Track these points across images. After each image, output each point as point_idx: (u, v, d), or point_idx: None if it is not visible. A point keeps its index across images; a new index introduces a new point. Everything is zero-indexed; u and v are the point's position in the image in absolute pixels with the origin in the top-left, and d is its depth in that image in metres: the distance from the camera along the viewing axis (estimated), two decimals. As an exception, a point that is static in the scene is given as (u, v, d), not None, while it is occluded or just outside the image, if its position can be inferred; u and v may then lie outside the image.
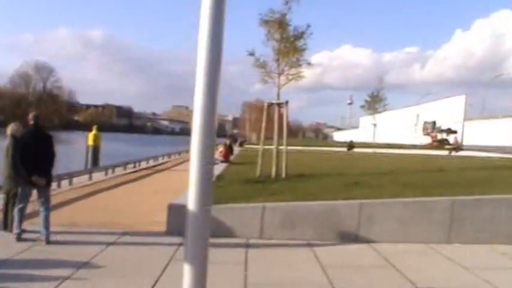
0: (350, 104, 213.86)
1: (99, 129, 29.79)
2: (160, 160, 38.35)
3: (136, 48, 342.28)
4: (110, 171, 25.66)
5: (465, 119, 58.93)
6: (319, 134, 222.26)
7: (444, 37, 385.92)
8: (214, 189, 12.70)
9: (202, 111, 2.91)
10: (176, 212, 10.45)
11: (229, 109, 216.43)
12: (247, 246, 10.22)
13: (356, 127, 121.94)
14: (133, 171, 28.08)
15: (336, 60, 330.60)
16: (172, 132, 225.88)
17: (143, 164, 32.76)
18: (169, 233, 10.65)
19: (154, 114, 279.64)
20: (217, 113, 3.00)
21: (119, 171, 26.90)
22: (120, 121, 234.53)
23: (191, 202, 3.01)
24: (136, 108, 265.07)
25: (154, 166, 33.22)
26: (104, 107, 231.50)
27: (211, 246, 3.18)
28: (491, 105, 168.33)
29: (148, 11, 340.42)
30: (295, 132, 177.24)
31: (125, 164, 29.16)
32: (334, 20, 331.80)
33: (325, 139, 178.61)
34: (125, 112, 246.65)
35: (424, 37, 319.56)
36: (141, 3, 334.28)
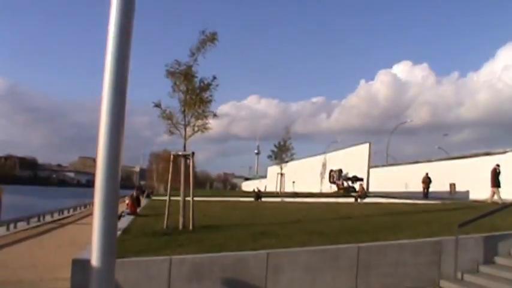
0: (257, 153, 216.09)
1: (0, 182, 28.84)
2: (66, 213, 37.38)
3: (41, 98, 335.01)
4: (11, 225, 24.76)
5: (370, 167, 60.32)
6: (227, 184, 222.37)
7: (349, 87, 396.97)
8: (120, 243, 12.46)
9: (106, 161, 2.87)
10: (81, 267, 10.13)
11: (136, 160, 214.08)
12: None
13: (264, 176, 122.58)
14: (37, 226, 27.20)
15: (243, 110, 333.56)
16: (78, 184, 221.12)
17: (48, 218, 31.81)
18: (74, 288, 10.30)
19: (60, 165, 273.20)
20: (121, 164, 2.96)
21: (21, 225, 25.99)
22: (24, 173, 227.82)
23: (94, 256, 2.94)
24: (41, 159, 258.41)
25: (59, 220, 32.33)
26: (6, 158, 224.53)
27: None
28: (395, 152, 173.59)
29: (54, 60, 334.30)
30: (203, 183, 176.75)
31: (28, 218, 28.22)
32: (241, 71, 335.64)
33: (234, 189, 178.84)
34: (28, 163, 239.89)
35: (329, 87, 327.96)
36: (45, 52, 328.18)
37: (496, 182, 29.49)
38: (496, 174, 29.78)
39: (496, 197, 28.92)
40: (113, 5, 2.97)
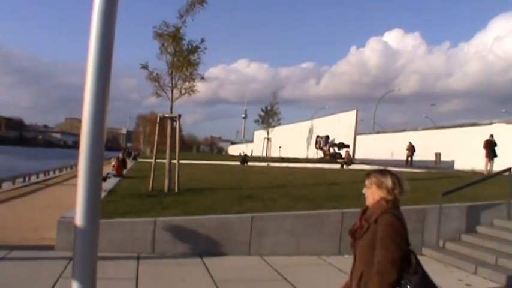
0: (245, 118, 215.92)
1: (-14, 141, 28.70)
2: (52, 174, 37.32)
3: (28, 58, 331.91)
4: (-4, 185, 24.71)
5: (356, 134, 60.47)
6: (214, 148, 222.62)
7: (339, 53, 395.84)
8: (105, 204, 12.50)
9: (91, 122, 2.83)
10: (66, 227, 10.14)
11: (124, 122, 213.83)
12: (139, 261, 10.07)
13: (251, 141, 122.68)
14: (23, 186, 27.14)
15: (232, 74, 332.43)
16: (65, 145, 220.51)
17: (33, 179, 31.75)
18: (59, 248, 10.31)
19: (46, 126, 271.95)
20: (106, 125, 2.93)
21: (6, 186, 25.92)
22: (10, 133, 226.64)
23: (79, 217, 2.92)
24: (28, 120, 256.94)
25: (45, 180, 32.28)
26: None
27: (101, 262, 3.11)
28: (383, 120, 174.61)
29: (40, 20, 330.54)
30: (189, 146, 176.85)
31: (13, 178, 28.13)
32: (231, 34, 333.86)
33: (220, 153, 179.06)
34: (14, 124, 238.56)
35: (320, 53, 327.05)
36: (31, 12, 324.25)
37: (492, 153, 29.54)
38: (491, 144, 29.84)
39: (488, 167, 29.03)
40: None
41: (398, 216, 4.15)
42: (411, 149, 44.99)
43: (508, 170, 13.85)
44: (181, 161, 17.40)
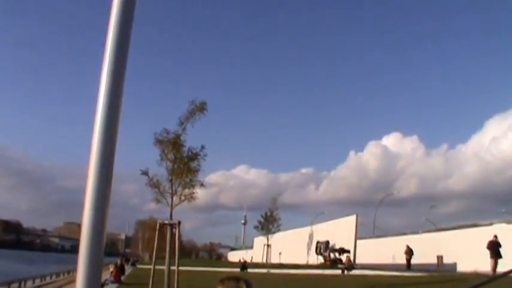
0: (244, 224, 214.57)
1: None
2: (48, 279, 36.79)
3: (29, 161, 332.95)
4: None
5: (357, 238, 60.06)
6: (213, 254, 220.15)
7: (338, 158, 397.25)
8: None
9: (90, 229, 2.86)
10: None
11: (123, 228, 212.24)
12: None
13: (250, 247, 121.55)
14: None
15: (232, 180, 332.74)
16: (62, 250, 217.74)
17: (29, 284, 31.25)
18: None
19: (44, 230, 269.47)
20: (106, 232, 2.96)
21: (1, 292, 25.49)
22: (7, 236, 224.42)
23: (77, 325, 2.91)
24: (26, 223, 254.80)
25: (41, 286, 31.80)
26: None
27: None
28: (382, 224, 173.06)
29: (42, 123, 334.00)
30: (189, 252, 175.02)
31: (8, 284, 27.69)
32: (230, 141, 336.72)
33: (219, 259, 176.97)
34: (12, 227, 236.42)
35: (319, 158, 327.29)
36: (36, 117, 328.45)
37: (496, 254, 29.26)
38: (495, 245, 29.63)
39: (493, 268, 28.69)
40: (104, 67, 3.03)
41: None
42: (409, 252, 44.64)
43: None
44: (180, 268, 17.24)
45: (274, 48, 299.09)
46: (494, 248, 29.61)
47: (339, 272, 40.52)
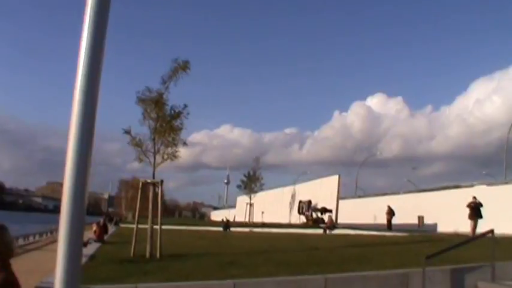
0: (227, 183, 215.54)
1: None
2: (31, 239, 36.76)
3: (12, 121, 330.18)
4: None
5: (339, 198, 60.38)
6: (196, 213, 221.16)
7: (323, 118, 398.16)
8: (86, 270, 12.32)
9: (72, 188, 2.82)
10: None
11: (106, 187, 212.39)
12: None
13: (233, 206, 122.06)
14: None
15: (215, 139, 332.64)
16: (46, 210, 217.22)
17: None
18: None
19: (27, 190, 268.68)
20: (88, 189, 2.92)
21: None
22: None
23: (58, 283, 2.88)
24: (8, 183, 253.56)
25: (24, 245, 31.76)
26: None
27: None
28: (366, 184, 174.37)
29: (24, 81, 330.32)
30: (172, 211, 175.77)
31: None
32: (215, 100, 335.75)
33: (202, 218, 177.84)
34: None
35: (303, 118, 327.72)
36: (17, 74, 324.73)
37: (476, 215, 29.64)
38: (475, 206, 29.98)
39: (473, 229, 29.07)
40: (85, 27, 2.96)
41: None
42: (390, 212, 45.05)
43: (491, 231, 13.89)
44: (163, 227, 17.29)
45: (259, 4, 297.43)
46: (475, 208, 29.97)
47: (320, 231, 40.80)
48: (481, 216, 29.53)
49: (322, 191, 64.03)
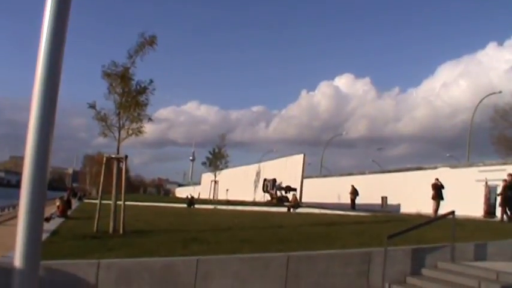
0: (192, 160, 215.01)
1: None
2: (-8, 214, 36.36)
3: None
4: None
5: (303, 177, 60.67)
6: (161, 190, 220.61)
7: (290, 97, 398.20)
8: (48, 246, 12.23)
9: (33, 161, 2.78)
10: (4, 270, 9.84)
11: (70, 162, 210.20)
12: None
13: (198, 183, 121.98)
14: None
15: (182, 116, 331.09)
16: (8, 185, 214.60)
17: (-27, 219, 30.83)
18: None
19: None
20: (49, 164, 2.87)
21: None
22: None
23: (18, 259, 2.84)
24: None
25: (-15, 220, 31.41)
26: None
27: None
28: (332, 164, 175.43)
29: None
30: (136, 187, 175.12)
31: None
32: (182, 76, 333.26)
33: (167, 195, 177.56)
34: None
35: (270, 96, 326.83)
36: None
37: (439, 195, 30.17)
38: (438, 187, 30.48)
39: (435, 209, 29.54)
40: (48, 1, 2.90)
41: None
42: (354, 192, 45.51)
43: (452, 213, 14.12)
44: (127, 203, 17.22)
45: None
46: (437, 190, 30.45)
47: (285, 209, 40.99)
48: (442, 198, 30.06)
49: (287, 170, 64.27)
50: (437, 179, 31.21)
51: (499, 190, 29.58)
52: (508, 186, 26.02)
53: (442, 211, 25.67)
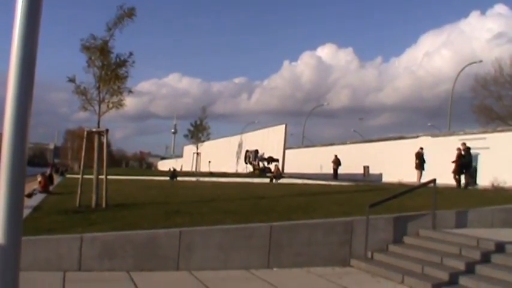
0: (174, 133, 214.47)
1: None
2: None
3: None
4: None
5: (286, 148, 60.74)
6: (143, 163, 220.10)
7: (272, 68, 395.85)
8: (30, 221, 12.22)
9: (12, 136, 2.74)
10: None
11: (51, 137, 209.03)
12: (65, 279, 9.85)
13: (180, 156, 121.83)
14: None
15: (164, 88, 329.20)
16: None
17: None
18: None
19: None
20: (28, 139, 2.84)
21: None
22: None
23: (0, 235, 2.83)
24: None
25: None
26: None
27: (23, 282, 3.02)
28: (314, 134, 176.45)
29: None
30: (118, 161, 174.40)
31: None
32: (163, 48, 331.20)
33: (149, 168, 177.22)
34: None
35: (252, 67, 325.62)
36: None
37: (421, 165, 30.56)
38: (421, 156, 30.82)
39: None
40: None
41: None
42: (337, 162, 45.75)
43: (433, 181, 14.24)
44: (109, 177, 17.15)
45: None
46: (420, 158, 30.78)
47: (267, 180, 41.11)
48: (423, 168, 30.45)
49: (269, 141, 64.35)
50: (421, 148, 31.50)
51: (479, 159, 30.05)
52: (461, 154, 26.70)
53: (423, 180, 25.93)
